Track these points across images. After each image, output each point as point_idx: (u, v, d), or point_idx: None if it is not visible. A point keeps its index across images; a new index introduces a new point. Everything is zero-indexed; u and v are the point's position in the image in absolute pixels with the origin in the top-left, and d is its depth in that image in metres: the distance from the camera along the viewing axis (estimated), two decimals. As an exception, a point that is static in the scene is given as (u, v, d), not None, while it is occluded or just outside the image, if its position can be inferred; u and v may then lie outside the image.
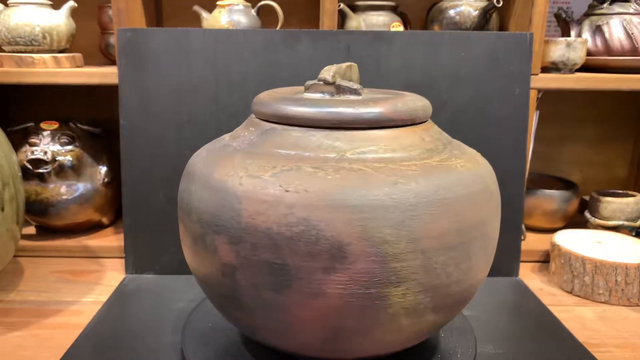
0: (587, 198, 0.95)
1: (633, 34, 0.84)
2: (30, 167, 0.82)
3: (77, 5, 0.86)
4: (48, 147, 0.84)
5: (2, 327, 0.63)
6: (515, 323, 0.66)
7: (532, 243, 0.88)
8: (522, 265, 0.79)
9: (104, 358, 0.56)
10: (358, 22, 0.89)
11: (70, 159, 0.85)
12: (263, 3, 0.88)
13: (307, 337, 0.45)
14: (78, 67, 0.86)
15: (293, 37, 0.74)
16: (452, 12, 0.87)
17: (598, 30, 0.87)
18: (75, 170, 0.86)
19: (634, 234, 0.88)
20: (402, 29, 0.89)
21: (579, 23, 0.91)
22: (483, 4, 0.86)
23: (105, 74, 0.79)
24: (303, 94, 0.51)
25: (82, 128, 0.89)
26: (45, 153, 0.83)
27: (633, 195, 0.90)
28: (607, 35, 0.86)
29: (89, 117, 0.94)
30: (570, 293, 0.75)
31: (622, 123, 1.08)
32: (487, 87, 0.75)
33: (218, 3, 0.86)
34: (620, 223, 0.88)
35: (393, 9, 0.91)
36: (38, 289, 0.73)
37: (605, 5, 0.88)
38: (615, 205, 0.88)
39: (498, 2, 0.81)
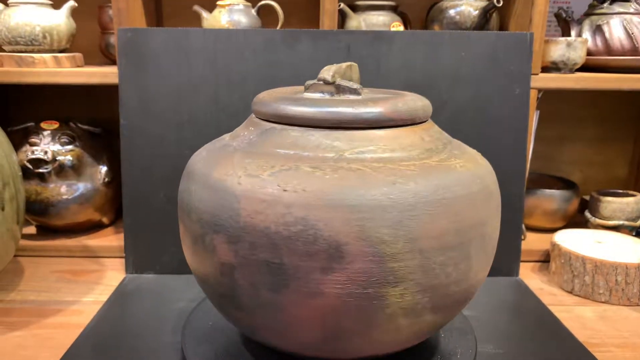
0: (587, 198, 0.95)
1: (633, 34, 0.84)
2: (31, 166, 0.82)
3: (77, 5, 0.86)
4: (48, 146, 0.84)
5: (2, 326, 0.63)
6: (516, 323, 0.66)
7: (532, 243, 0.88)
8: (522, 265, 0.79)
9: (104, 358, 0.56)
10: (358, 21, 0.89)
11: (71, 159, 0.85)
12: (263, 3, 0.88)
13: (305, 336, 0.45)
14: (78, 66, 0.86)
15: (293, 36, 0.74)
16: (452, 11, 0.87)
17: (598, 30, 0.87)
18: (76, 170, 0.86)
19: (634, 234, 0.88)
20: (402, 29, 0.89)
21: (579, 23, 0.91)
22: (483, 4, 0.86)
23: (106, 74, 0.79)
24: (303, 94, 0.51)
25: (82, 128, 0.89)
26: (46, 153, 0.83)
27: (633, 195, 0.90)
28: (607, 35, 0.86)
29: (89, 116, 0.94)
30: (571, 293, 0.75)
31: (622, 123, 1.08)
32: (487, 86, 0.75)
33: (218, 3, 0.86)
34: (621, 223, 0.88)
35: (393, 9, 0.91)
36: (38, 289, 0.73)
37: (606, 5, 0.88)
38: (616, 205, 0.88)
39: (498, 1, 0.81)
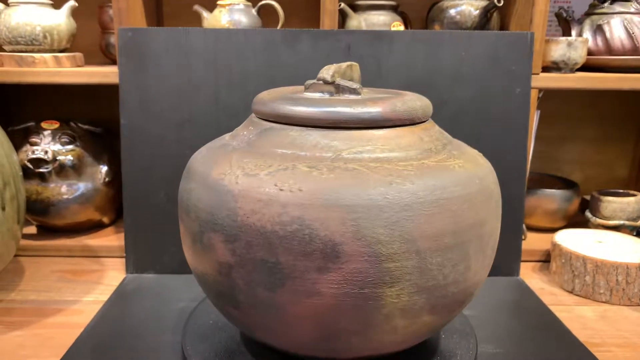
0: (587, 198, 0.95)
1: (634, 34, 0.84)
2: (31, 166, 0.83)
3: (77, 5, 0.86)
4: (49, 146, 0.84)
5: (3, 326, 0.63)
6: (516, 323, 0.66)
7: (532, 243, 0.88)
8: (522, 265, 0.79)
9: (105, 357, 0.56)
10: (358, 21, 0.89)
11: (71, 159, 0.85)
12: (264, 2, 0.88)
13: (301, 336, 0.45)
14: (79, 66, 0.86)
15: (294, 36, 0.73)
16: (452, 11, 0.87)
17: (599, 30, 0.87)
18: (76, 170, 0.86)
19: (635, 234, 0.88)
20: (402, 29, 0.89)
21: (580, 22, 0.91)
22: (484, 4, 0.86)
23: (106, 74, 0.79)
24: (302, 94, 0.51)
25: (82, 127, 0.89)
26: (46, 152, 0.83)
27: (634, 195, 0.90)
28: (608, 35, 0.86)
29: (90, 116, 0.94)
30: (571, 293, 0.75)
31: (622, 122, 1.08)
32: (487, 86, 0.75)
33: (218, 2, 0.86)
34: (621, 223, 0.87)
35: (394, 9, 0.91)
36: (39, 289, 0.73)
37: (606, 5, 0.88)
38: (616, 205, 0.88)
39: (499, 1, 0.81)
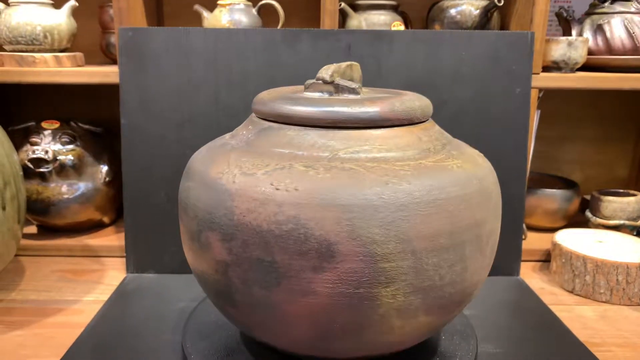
0: (588, 197, 0.95)
1: (634, 33, 0.84)
2: (32, 166, 0.83)
3: (78, 5, 0.86)
4: (49, 146, 0.84)
5: (3, 326, 0.63)
6: (516, 322, 0.66)
7: (533, 242, 0.88)
8: (523, 265, 0.79)
9: (105, 357, 0.56)
10: (359, 21, 0.89)
11: (72, 158, 0.85)
12: (264, 2, 0.88)
13: (297, 335, 0.45)
14: (79, 66, 0.86)
15: (294, 36, 0.73)
16: (453, 11, 0.87)
17: (599, 30, 0.87)
18: (77, 170, 0.86)
19: (635, 233, 0.88)
20: (403, 28, 0.89)
21: (580, 22, 0.91)
22: (484, 3, 0.86)
23: (106, 73, 0.79)
24: (302, 93, 0.51)
25: (83, 127, 0.89)
26: (47, 152, 0.83)
27: (634, 195, 0.90)
28: (608, 35, 0.86)
29: (90, 116, 0.94)
30: (571, 292, 0.75)
31: (623, 122, 1.08)
32: (488, 86, 0.75)
33: (219, 2, 0.86)
34: (621, 222, 0.87)
35: (394, 8, 0.91)
36: (39, 288, 0.73)
37: (607, 4, 0.88)
38: (616, 205, 0.88)
39: (499, 1, 0.81)
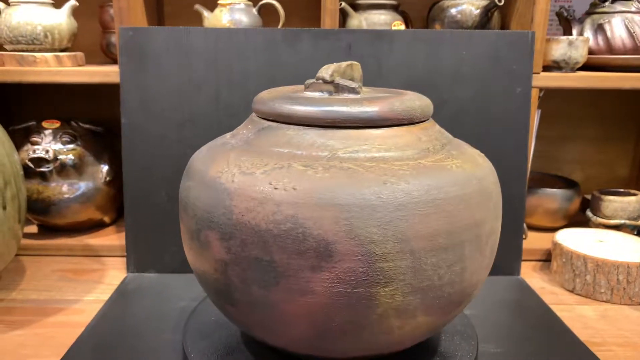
0: (588, 197, 0.95)
1: (635, 33, 0.84)
2: (32, 165, 0.83)
3: (78, 4, 0.86)
4: (50, 145, 0.84)
5: (3, 325, 0.63)
6: (517, 322, 0.66)
7: (533, 242, 0.88)
8: (523, 264, 0.79)
9: (105, 356, 0.56)
10: (359, 20, 0.89)
11: (72, 158, 0.85)
12: (264, 2, 0.88)
13: (296, 334, 0.45)
14: (79, 66, 0.86)
15: (294, 36, 0.73)
16: (453, 10, 0.87)
17: (600, 29, 0.87)
18: (77, 169, 0.86)
19: (636, 233, 0.88)
20: (403, 28, 0.89)
21: (581, 21, 0.90)
22: (484, 3, 0.86)
23: (107, 73, 0.80)
24: (302, 93, 0.51)
25: (83, 127, 0.89)
26: (47, 152, 0.83)
27: (634, 194, 0.90)
28: (608, 34, 0.86)
29: (91, 115, 0.94)
30: (572, 292, 0.75)
31: (623, 122, 1.08)
32: (488, 85, 0.75)
33: (219, 2, 0.86)
34: (622, 222, 0.87)
35: (394, 8, 0.91)
36: (40, 288, 0.73)
37: (607, 4, 0.88)
38: (617, 204, 0.88)
39: (500, 0, 0.81)
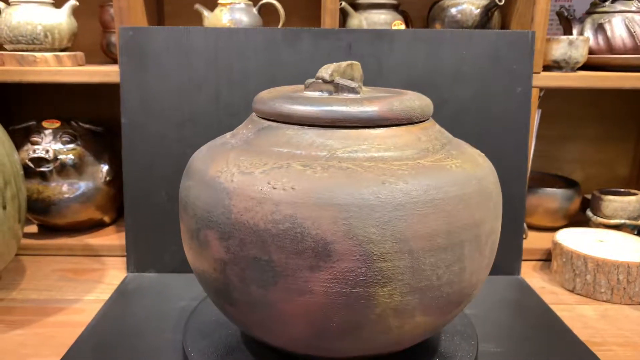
0: (588, 197, 0.95)
1: (635, 32, 0.84)
2: (32, 165, 0.83)
3: (78, 4, 0.86)
4: (50, 145, 0.84)
5: (4, 325, 0.63)
6: (517, 321, 0.66)
7: (533, 241, 0.88)
8: (523, 264, 0.79)
9: (106, 356, 0.56)
10: (359, 20, 0.89)
11: (72, 158, 0.85)
12: (264, 1, 0.88)
13: (294, 333, 0.45)
14: (80, 65, 0.86)
15: (294, 35, 0.73)
16: (453, 10, 0.87)
17: (600, 29, 0.87)
18: (77, 169, 0.86)
19: (636, 233, 0.88)
20: (403, 27, 0.89)
21: (581, 21, 0.90)
22: (485, 2, 0.86)
23: (107, 73, 0.80)
24: (302, 93, 0.51)
25: (83, 127, 0.89)
26: (47, 152, 0.83)
27: (635, 194, 0.90)
28: (609, 34, 0.86)
29: (91, 115, 0.94)
30: (572, 292, 0.75)
31: (624, 121, 1.08)
32: (488, 85, 0.75)
33: (219, 2, 0.86)
34: (622, 222, 0.87)
35: (395, 7, 0.91)
36: (40, 288, 0.73)
37: (607, 4, 0.88)
38: (617, 204, 0.88)
39: (500, 0, 0.81)
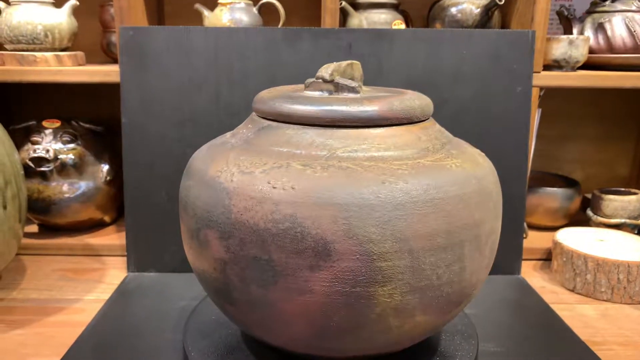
0: (589, 196, 0.95)
1: (635, 32, 0.84)
2: (33, 165, 0.83)
3: (79, 4, 0.86)
4: (50, 145, 0.84)
5: (4, 325, 0.63)
6: (517, 321, 0.66)
7: (534, 241, 0.88)
8: (524, 263, 0.79)
9: (106, 356, 0.57)
10: (360, 20, 0.88)
11: (72, 157, 0.85)
12: (265, 1, 0.88)
13: (294, 333, 0.45)
14: (80, 65, 0.86)
15: (295, 35, 0.73)
16: (453, 9, 0.87)
17: (600, 28, 0.87)
18: (77, 169, 0.86)
19: (636, 232, 0.88)
20: (403, 27, 0.89)
21: (581, 20, 0.90)
22: (485, 2, 0.85)
23: (107, 73, 0.80)
24: (302, 92, 0.51)
25: (84, 126, 0.89)
26: (48, 151, 0.83)
27: (635, 193, 0.90)
28: (609, 33, 0.86)
29: (91, 115, 0.94)
30: (572, 291, 0.75)
31: (624, 121, 1.08)
32: (488, 85, 0.75)
33: (220, 1, 0.86)
34: (622, 221, 0.87)
35: (395, 7, 0.91)
36: (40, 287, 0.73)
37: (608, 3, 0.88)
38: (617, 203, 0.88)
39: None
